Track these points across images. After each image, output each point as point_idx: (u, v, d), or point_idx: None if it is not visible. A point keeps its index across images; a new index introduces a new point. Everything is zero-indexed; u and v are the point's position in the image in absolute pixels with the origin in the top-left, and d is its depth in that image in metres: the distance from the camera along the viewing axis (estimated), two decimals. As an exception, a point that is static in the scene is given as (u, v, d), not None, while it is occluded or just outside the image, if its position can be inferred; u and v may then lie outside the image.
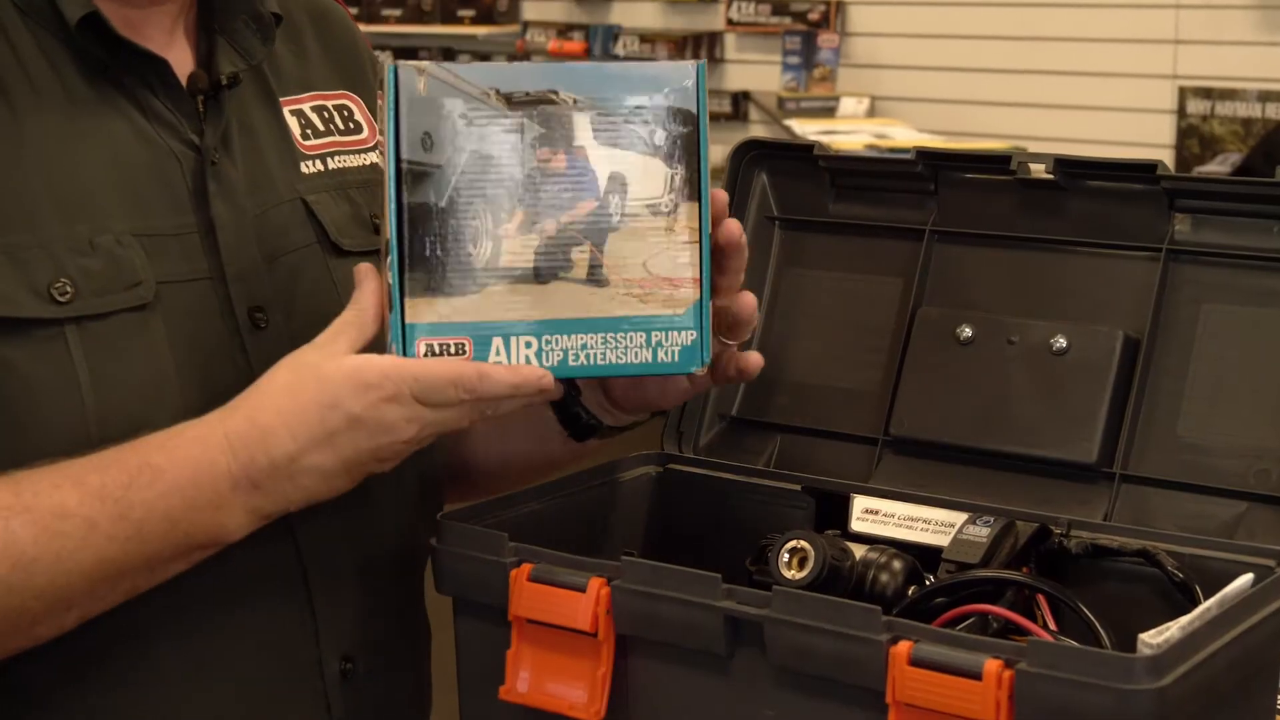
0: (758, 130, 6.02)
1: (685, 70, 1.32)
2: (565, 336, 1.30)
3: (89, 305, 1.27)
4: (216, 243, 1.35)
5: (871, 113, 5.85)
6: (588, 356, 1.30)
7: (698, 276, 1.32)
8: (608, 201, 1.30)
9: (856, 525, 1.45)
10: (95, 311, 1.28)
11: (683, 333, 1.32)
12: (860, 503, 1.45)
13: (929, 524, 1.42)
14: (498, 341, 1.28)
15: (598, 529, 1.50)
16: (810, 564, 1.32)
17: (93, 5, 1.31)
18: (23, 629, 1.24)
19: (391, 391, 1.24)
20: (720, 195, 1.35)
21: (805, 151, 1.61)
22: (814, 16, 5.99)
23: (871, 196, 1.61)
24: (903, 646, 1.13)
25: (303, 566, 1.37)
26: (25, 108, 1.29)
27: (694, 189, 1.32)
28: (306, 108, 1.48)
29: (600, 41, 6.49)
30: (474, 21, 6.86)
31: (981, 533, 1.36)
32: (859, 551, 1.37)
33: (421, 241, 1.27)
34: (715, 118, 6.47)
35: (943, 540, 1.39)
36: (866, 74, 5.93)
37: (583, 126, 1.30)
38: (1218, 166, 5.10)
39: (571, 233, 1.30)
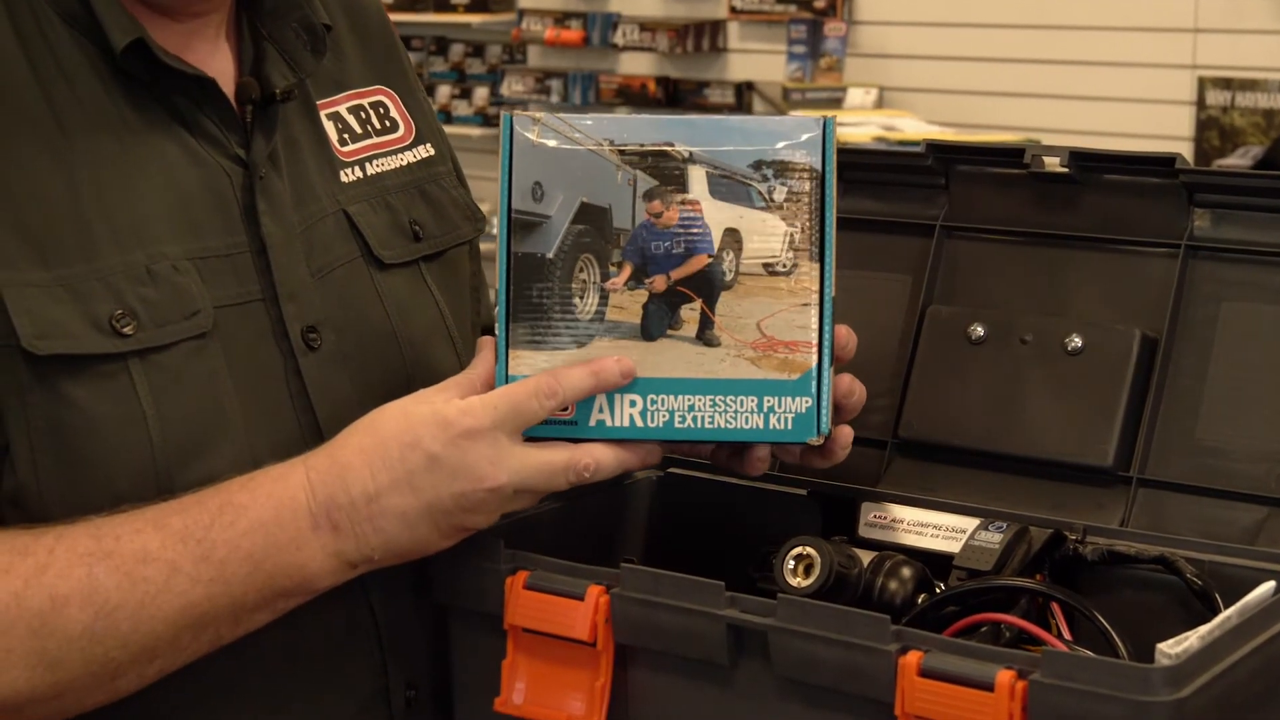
0: (762, 122, 6.02)
1: (809, 124, 1.32)
2: (672, 397, 1.30)
3: (151, 337, 1.27)
4: (268, 261, 1.35)
5: (880, 104, 5.85)
6: (695, 419, 1.30)
7: (817, 341, 1.31)
8: (721, 258, 1.31)
9: (864, 531, 1.45)
10: (157, 344, 1.28)
11: (797, 399, 1.31)
12: (868, 508, 1.45)
13: (939, 530, 1.42)
14: (601, 399, 1.29)
15: (597, 535, 1.51)
16: (816, 571, 1.32)
17: (139, 31, 1.31)
18: (105, 681, 1.23)
19: (470, 426, 1.24)
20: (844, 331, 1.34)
21: (811, 144, 1.61)
22: (820, 4, 5.99)
23: (880, 191, 1.61)
24: (912, 657, 1.14)
25: (367, 598, 1.38)
26: (76, 129, 1.29)
27: (816, 248, 1.31)
28: (343, 109, 1.48)
29: (599, 30, 6.50)
30: (468, 9, 6.86)
31: (994, 539, 1.37)
32: (867, 558, 1.37)
33: (527, 292, 1.29)
34: (717, 108, 6.54)
35: (954, 547, 1.39)
36: (874, 64, 5.94)
37: (698, 180, 1.31)
38: (1238, 160, 5.10)
39: (682, 289, 1.30)
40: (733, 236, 1.31)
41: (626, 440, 1.30)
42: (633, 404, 1.29)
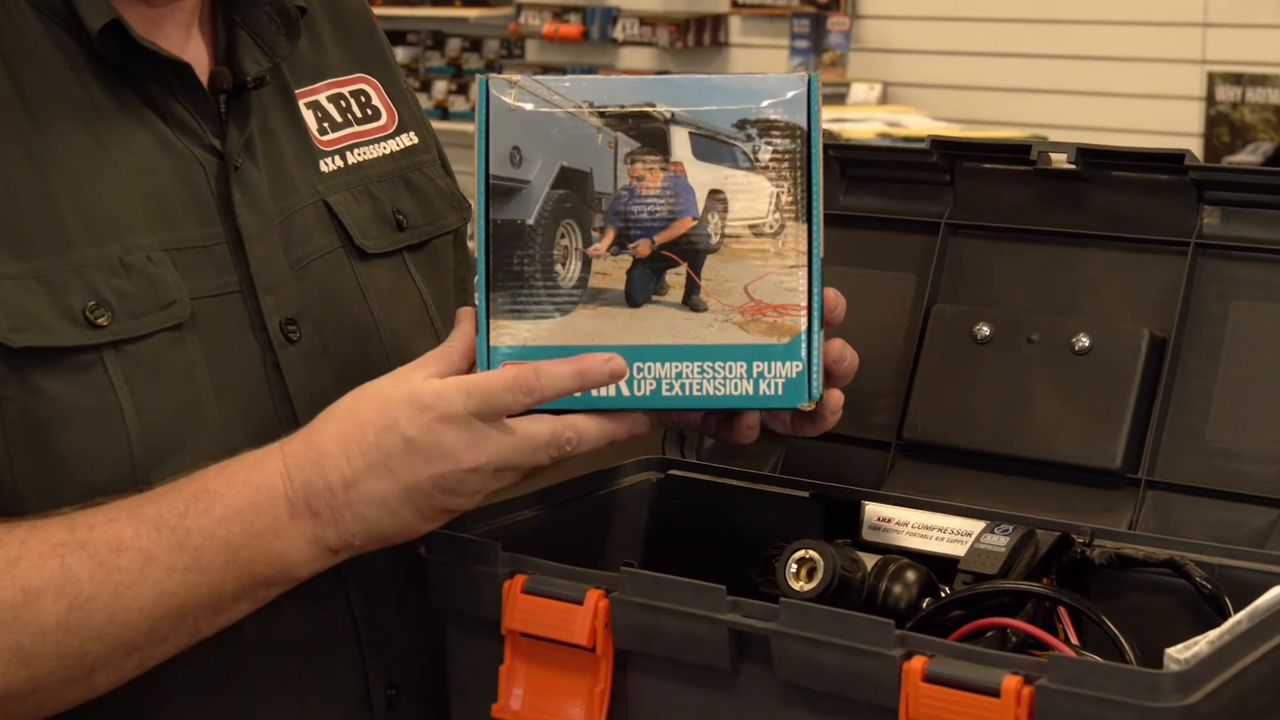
0: (764, 118, 6.02)
1: (793, 82, 1.31)
2: (659, 364, 1.28)
3: (126, 329, 1.27)
4: (245, 253, 1.35)
5: (884, 100, 5.85)
6: (683, 387, 1.29)
7: (806, 303, 1.29)
8: (706, 221, 1.30)
9: (868, 534, 1.45)
10: (132, 335, 1.27)
11: (787, 364, 1.29)
12: (872, 510, 1.45)
13: (944, 533, 1.42)
14: None
15: (595, 538, 1.51)
16: (819, 575, 1.32)
17: (114, 13, 1.31)
18: (81, 676, 1.22)
19: (445, 410, 1.23)
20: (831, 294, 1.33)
21: (814, 140, 1.61)
22: (823, -2, 6.00)
23: (884, 188, 1.61)
24: (917, 662, 1.14)
25: (347, 594, 1.38)
26: (48, 119, 1.29)
27: (803, 209, 1.30)
28: (322, 98, 1.48)
29: (598, 24, 6.50)
30: (465, 3, 6.86)
31: (1000, 542, 1.36)
32: (870, 561, 1.37)
33: (508, 260, 1.27)
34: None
35: (959, 550, 1.39)
36: (878, 59, 5.94)
37: (680, 141, 1.30)
38: (1249, 156, 5.11)
39: (667, 254, 1.29)
40: (717, 198, 1.30)
41: (611, 410, 1.28)
42: None
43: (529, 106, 1.28)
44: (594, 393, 1.27)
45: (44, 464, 1.24)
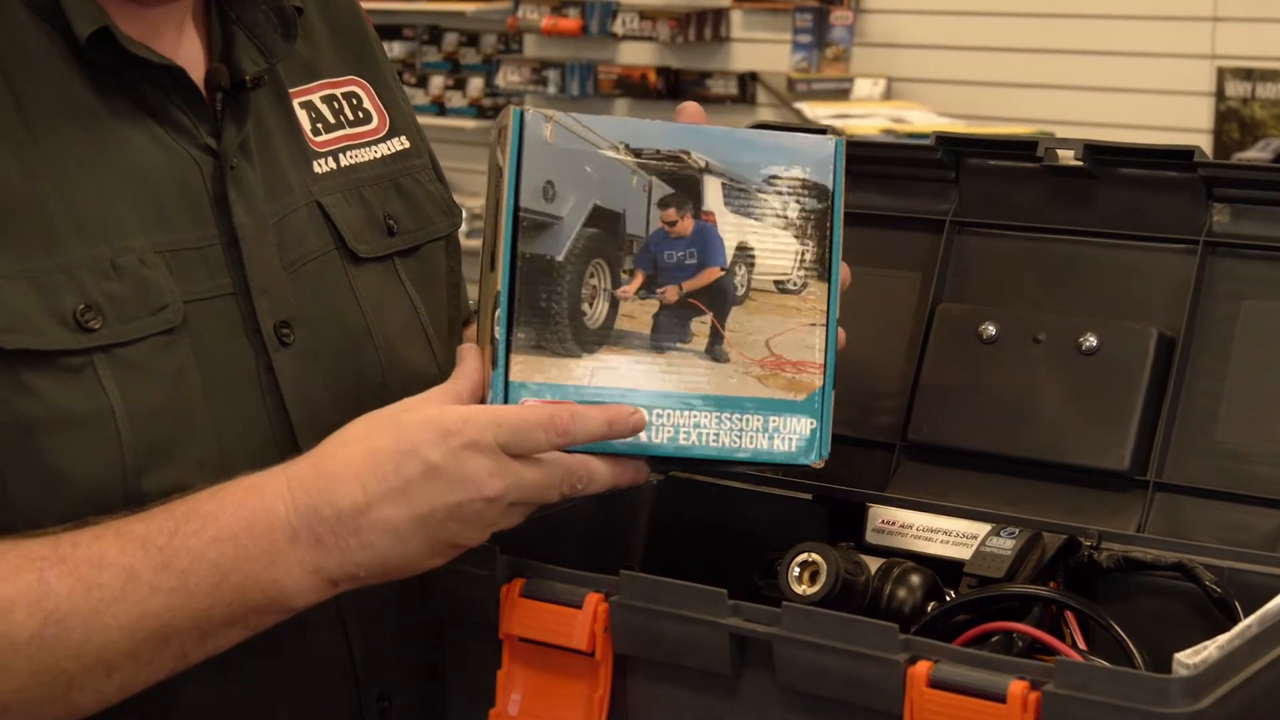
0: (766, 114, 6.03)
1: (823, 143, 1.34)
2: (678, 412, 1.30)
3: (117, 333, 1.26)
4: (240, 254, 1.34)
5: (888, 95, 5.85)
6: (700, 436, 1.31)
7: (823, 362, 1.33)
8: (734, 272, 1.32)
9: (872, 537, 1.45)
10: (124, 339, 1.27)
11: (802, 420, 1.33)
12: (876, 513, 1.45)
13: (949, 536, 1.42)
14: None
15: (595, 541, 1.51)
16: (822, 578, 1.32)
17: (104, 19, 1.30)
18: (58, 695, 1.20)
19: (473, 437, 1.22)
20: (846, 272, 1.37)
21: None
22: (826, -8, 6.00)
23: (888, 185, 1.61)
24: (922, 667, 1.14)
25: (338, 605, 1.37)
26: (40, 117, 1.28)
27: (824, 268, 1.34)
28: (315, 98, 1.48)
29: (597, 19, 6.50)
30: (462, -3, 6.86)
31: (1006, 545, 1.37)
32: (874, 565, 1.37)
33: (534, 296, 1.27)
34: (720, 100, 6.52)
35: (964, 553, 1.39)
36: (883, 54, 5.94)
37: (713, 191, 1.32)
38: (1259, 153, 5.11)
39: (694, 302, 1.31)
40: (746, 251, 1.32)
41: (621, 455, 1.29)
42: None
43: (565, 142, 1.28)
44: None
45: (33, 469, 1.23)
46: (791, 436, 1.33)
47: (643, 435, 1.29)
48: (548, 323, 1.28)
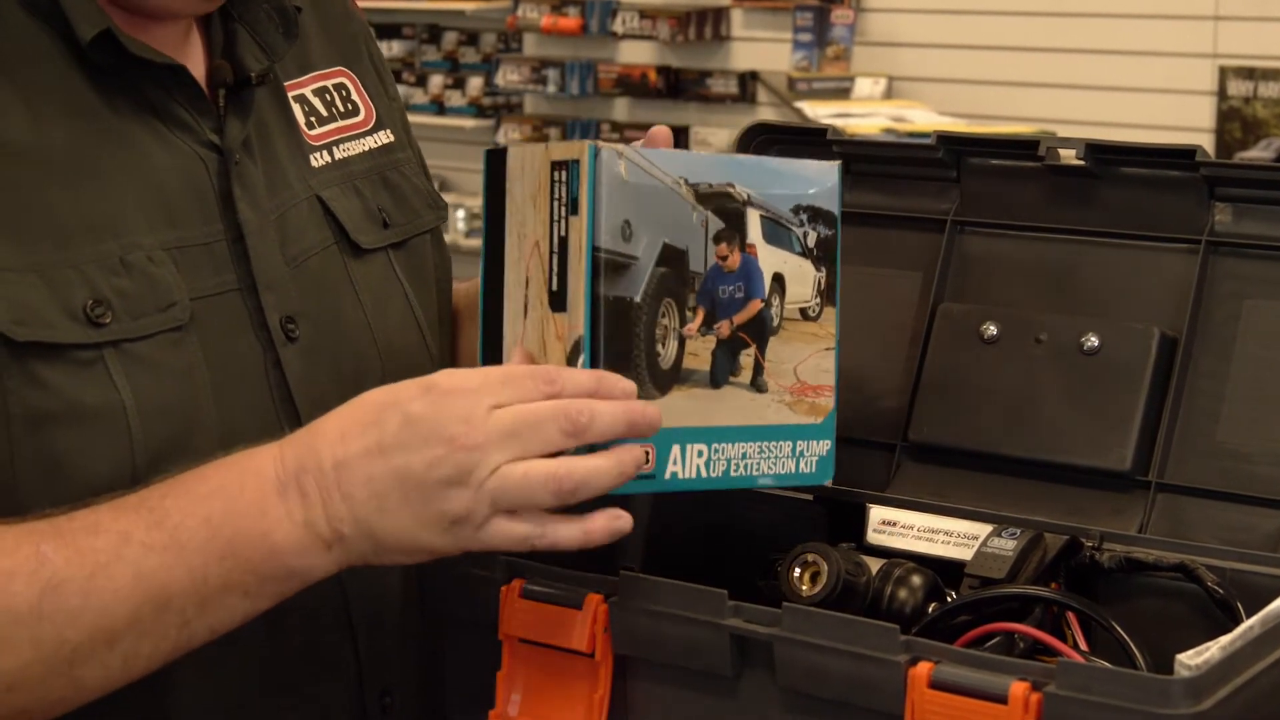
0: (766, 113, 6.03)
1: (827, 170, 1.37)
2: (729, 445, 1.32)
3: (126, 329, 1.27)
4: (245, 250, 1.35)
5: (889, 94, 5.85)
6: (745, 466, 1.33)
7: (834, 384, 1.37)
8: (771, 303, 1.34)
9: (873, 538, 1.45)
10: (133, 335, 1.27)
11: (820, 442, 1.36)
12: (877, 513, 1.45)
13: (950, 536, 1.42)
14: (676, 450, 1.29)
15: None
16: (823, 579, 1.32)
17: (106, 22, 1.30)
18: (62, 668, 1.19)
19: (456, 384, 1.19)
20: None
21: (818, 136, 1.61)
22: (827, -10, 6.00)
23: (889, 184, 1.61)
24: (923, 668, 1.14)
25: (346, 605, 1.37)
26: (46, 115, 1.29)
27: (832, 293, 1.37)
28: (308, 92, 1.49)
29: (597, 17, 6.50)
30: (462, -4, 6.86)
31: (1007, 546, 1.37)
32: (875, 566, 1.37)
33: (616, 339, 1.26)
34: (720, 99, 6.53)
35: (965, 554, 1.39)
36: (883, 53, 5.94)
37: (754, 224, 1.33)
38: (1261, 152, 5.11)
39: (742, 335, 1.32)
40: (779, 282, 1.34)
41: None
42: (699, 454, 1.30)
43: (637, 179, 1.27)
44: (681, 476, 1.28)
45: (43, 462, 1.24)
46: (813, 458, 1.36)
47: (703, 471, 1.30)
48: (629, 367, 1.26)
